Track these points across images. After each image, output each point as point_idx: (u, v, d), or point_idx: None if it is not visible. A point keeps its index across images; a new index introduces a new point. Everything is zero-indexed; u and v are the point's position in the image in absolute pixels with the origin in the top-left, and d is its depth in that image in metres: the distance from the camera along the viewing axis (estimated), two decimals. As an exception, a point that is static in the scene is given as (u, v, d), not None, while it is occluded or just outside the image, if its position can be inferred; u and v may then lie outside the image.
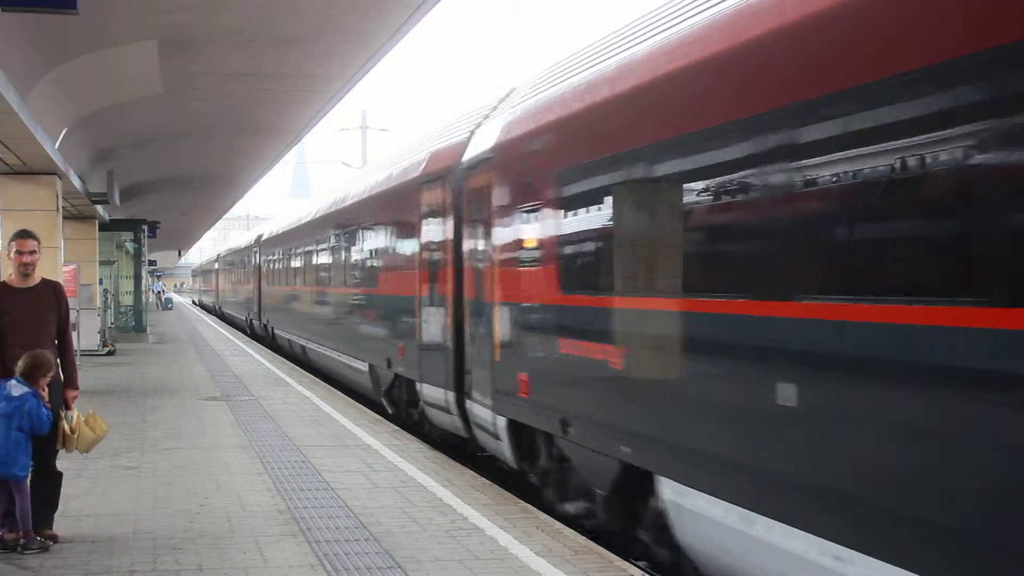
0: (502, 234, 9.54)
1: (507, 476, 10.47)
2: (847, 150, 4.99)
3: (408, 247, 13.40)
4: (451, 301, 11.37)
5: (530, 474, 9.69)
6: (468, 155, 11.01)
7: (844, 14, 5.08)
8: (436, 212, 12.09)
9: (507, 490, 9.30)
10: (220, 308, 50.21)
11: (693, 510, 6.31)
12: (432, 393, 12.03)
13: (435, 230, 12.13)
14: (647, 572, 6.98)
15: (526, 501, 8.85)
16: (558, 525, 7.93)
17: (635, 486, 7.21)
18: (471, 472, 10.04)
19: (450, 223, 11.51)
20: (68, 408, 7.43)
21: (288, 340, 25.11)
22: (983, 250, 4.26)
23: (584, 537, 7.60)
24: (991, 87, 4.16)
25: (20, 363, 7.05)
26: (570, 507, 8.66)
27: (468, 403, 10.82)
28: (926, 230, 4.65)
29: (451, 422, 11.57)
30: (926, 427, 4.53)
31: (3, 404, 6.91)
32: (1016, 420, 4.07)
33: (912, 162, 4.60)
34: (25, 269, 7.38)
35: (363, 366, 15.97)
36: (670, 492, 6.60)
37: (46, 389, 7.10)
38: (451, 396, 11.30)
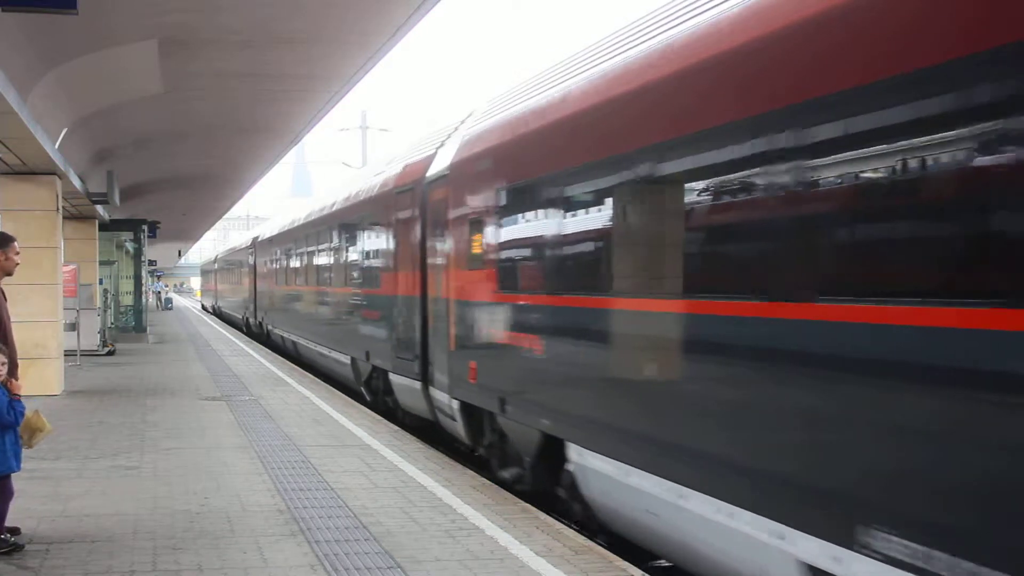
0: None
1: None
2: None
3: None
4: None
5: None
6: None
7: None
8: None
9: (507, 490, 9.31)
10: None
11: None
12: None
13: None
14: (647, 573, 6.98)
15: (526, 501, 8.86)
16: (558, 525, 7.93)
17: None
18: (471, 472, 10.03)
19: None
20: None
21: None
22: None
23: (584, 537, 7.61)
24: None
25: None
26: None
27: None
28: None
29: None
30: None
31: None
32: None
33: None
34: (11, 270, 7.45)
35: None
36: None
37: (5, 376, 7.01)
38: None
